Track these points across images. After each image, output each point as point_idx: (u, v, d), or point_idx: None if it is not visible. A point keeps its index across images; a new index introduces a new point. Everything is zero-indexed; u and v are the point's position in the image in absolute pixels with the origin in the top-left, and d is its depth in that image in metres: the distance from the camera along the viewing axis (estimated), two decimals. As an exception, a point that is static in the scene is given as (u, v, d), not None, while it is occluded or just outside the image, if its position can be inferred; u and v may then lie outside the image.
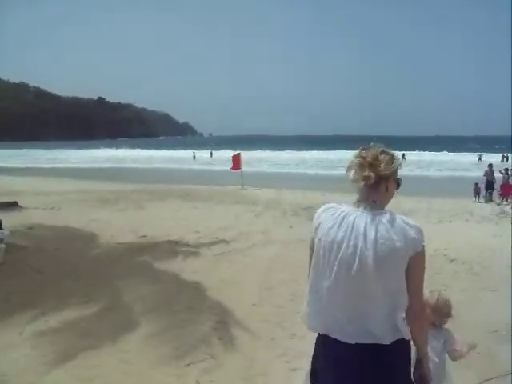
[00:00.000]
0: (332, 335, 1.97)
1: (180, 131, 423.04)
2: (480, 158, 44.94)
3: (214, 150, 61.38)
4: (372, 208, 1.93)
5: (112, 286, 6.28)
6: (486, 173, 18.68)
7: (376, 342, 1.89)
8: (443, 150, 59.59)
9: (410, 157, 47.29)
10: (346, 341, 1.92)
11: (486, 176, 18.51)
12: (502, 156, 42.52)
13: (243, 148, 50.47)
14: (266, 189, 20.17)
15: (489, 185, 18.24)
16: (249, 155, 45.34)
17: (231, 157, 23.02)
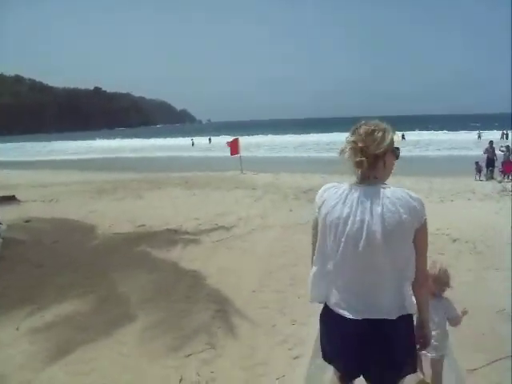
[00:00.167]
0: (338, 311, 1.97)
1: (178, 119, 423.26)
2: (479, 136, 44.61)
3: (213, 136, 60.96)
4: (374, 184, 1.92)
5: (109, 278, 6.18)
6: (487, 150, 18.52)
7: (383, 317, 1.90)
8: (442, 129, 59.14)
9: (410, 137, 47.00)
10: (353, 317, 1.93)
11: (487, 153, 18.36)
12: (502, 133, 42.17)
13: (242, 133, 50.26)
14: (265, 173, 20.04)
15: (489, 162, 18.08)
16: (247, 140, 45.30)
17: (227, 142, 22.73)
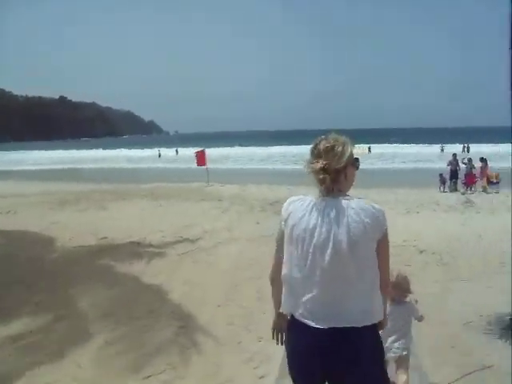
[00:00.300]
0: (304, 321, 1.96)
1: (145, 130, 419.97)
2: (442, 149, 45.63)
3: (180, 148, 60.33)
4: (338, 196, 1.96)
5: (67, 293, 5.87)
6: (451, 162, 18.83)
7: (350, 326, 1.90)
8: (406, 142, 60.26)
9: (375, 149, 47.75)
10: (320, 326, 1.92)
11: (450, 166, 18.68)
12: (463, 146, 43.32)
13: (210, 145, 49.65)
14: (232, 185, 19.86)
15: (453, 174, 18.39)
16: (215, 152, 44.96)
17: (194, 153, 22.42)
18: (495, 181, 17.48)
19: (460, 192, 17.19)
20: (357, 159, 2.06)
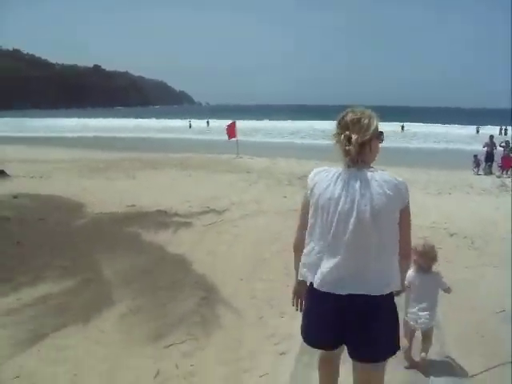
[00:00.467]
0: (323, 289, 2.03)
1: (177, 100, 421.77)
2: (478, 131, 44.28)
3: (211, 119, 60.27)
4: (362, 167, 2.02)
5: (93, 259, 5.92)
6: (487, 144, 18.27)
7: (367, 293, 1.97)
8: (441, 122, 58.66)
9: (408, 128, 46.73)
10: (339, 292, 1.99)
11: (487, 147, 18.11)
12: (500, 129, 41.81)
13: (240, 117, 49.38)
14: (261, 158, 19.75)
15: (489, 157, 17.85)
16: (245, 125, 44.73)
17: (226, 126, 22.34)
18: (533, 165, 16.91)
19: (495, 175, 16.68)
20: (381, 133, 2.11)
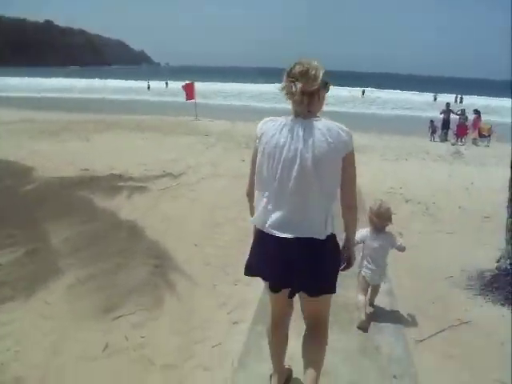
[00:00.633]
0: (272, 232, 2.13)
1: (136, 60, 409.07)
2: (435, 98, 45.08)
3: (170, 81, 58.64)
4: (308, 116, 2.10)
5: (41, 227, 5.64)
6: (443, 111, 18.56)
7: (312, 236, 2.09)
8: (399, 89, 59.24)
9: (368, 94, 47.06)
10: (285, 235, 2.10)
11: (443, 114, 18.41)
12: (456, 97, 42.72)
13: (201, 79, 48.22)
14: (220, 120, 19.44)
15: (445, 124, 18.18)
16: (205, 87, 43.85)
17: (183, 86, 21.59)
18: (486, 134, 17.34)
19: (450, 142, 17.04)
20: (327, 83, 2.15)
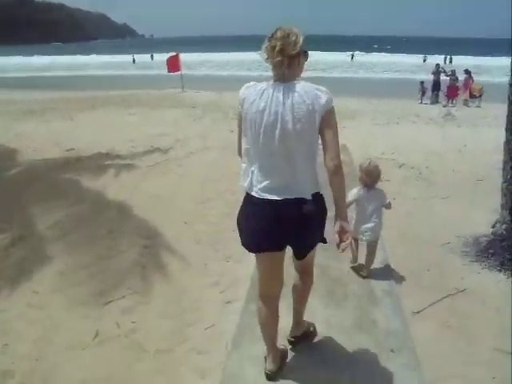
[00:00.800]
0: (261, 195, 2.20)
1: (119, 34, 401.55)
2: (425, 60, 44.45)
3: (156, 53, 57.44)
4: (287, 80, 2.13)
5: (27, 212, 5.49)
6: (434, 72, 18.26)
7: (299, 196, 2.16)
8: (388, 51, 58.49)
9: (357, 58, 46.43)
10: (273, 197, 2.17)
11: (434, 76, 18.11)
12: (444, 58, 42.15)
13: (186, 50, 47.22)
14: (207, 91, 19.11)
15: (436, 85, 17.86)
16: (191, 57, 43.03)
17: (167, 59, 21.00)
18: (477, 95, 17.10)
19: (441, 104, 16.82)
20: (306, 52, 2.18)
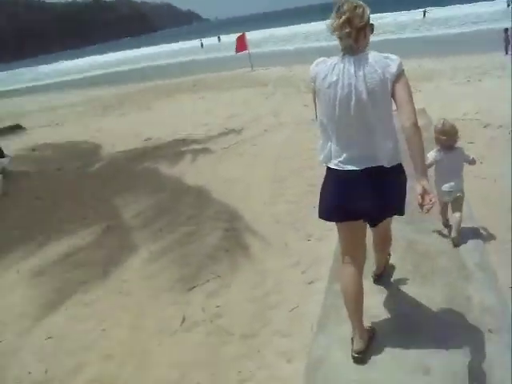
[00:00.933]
0: (342, 167, 2.25)
1: (185, 20, 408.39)
2: (509, 4, 40.78)
3: (222, 35, 57.82)
4: (356, 52, 2.16)
5: (111, 205, 5.78)
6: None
7: (380, 165, 2.20)
8: (464, 2, 54.32)
9: (429, 14, 43.74)
10: (355, 168, 2.22)
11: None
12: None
13: (251, 28, 47.03)
14: (276, 67, 18.95)
15: (523, 33, 16.36)
16: (257, 35, 42.80)
17: (236, 39, 21.17)
18: None
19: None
20: (372, 24, 2.22)
